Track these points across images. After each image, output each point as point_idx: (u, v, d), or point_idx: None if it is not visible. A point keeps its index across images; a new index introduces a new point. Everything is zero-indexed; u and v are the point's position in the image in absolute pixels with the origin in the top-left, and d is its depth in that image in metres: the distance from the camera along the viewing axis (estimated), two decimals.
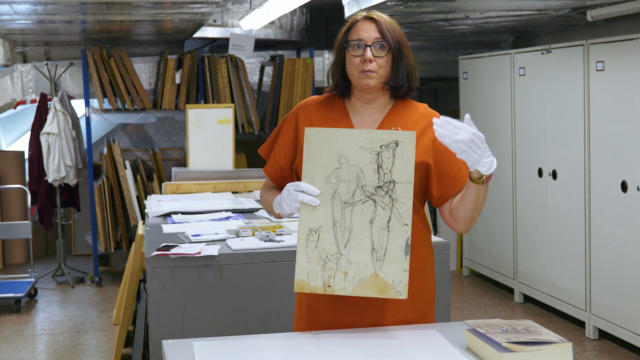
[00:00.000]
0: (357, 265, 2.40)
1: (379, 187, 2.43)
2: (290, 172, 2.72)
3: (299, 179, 2.66)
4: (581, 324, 5.94)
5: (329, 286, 2.40)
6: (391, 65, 2.63)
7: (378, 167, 2.43)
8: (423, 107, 2.73)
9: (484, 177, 2.48)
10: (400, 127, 2.63)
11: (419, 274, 2.64)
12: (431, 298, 2.71)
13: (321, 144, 2.46)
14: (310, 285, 2.41)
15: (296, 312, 2.77)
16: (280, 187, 2.74)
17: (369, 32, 2.61)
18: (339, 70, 2.68)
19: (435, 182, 2.64)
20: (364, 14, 2.66)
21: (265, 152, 2.83)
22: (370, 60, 2.59)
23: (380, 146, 2.44)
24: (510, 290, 6.95)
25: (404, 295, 2.39)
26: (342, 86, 2.69)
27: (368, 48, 2.59)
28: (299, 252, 2.42)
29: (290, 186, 2.50)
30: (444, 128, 2.43)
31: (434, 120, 2.45)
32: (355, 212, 2.42)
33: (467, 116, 2.50)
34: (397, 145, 2.44)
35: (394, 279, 2.39)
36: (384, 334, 2.49)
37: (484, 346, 2.25)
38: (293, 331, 2.76)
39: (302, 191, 2.46)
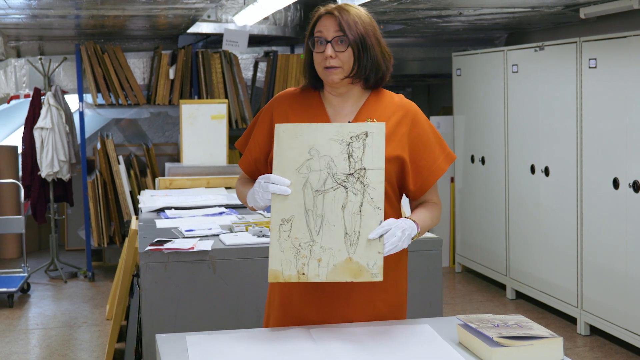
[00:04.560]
0: (331, 251, 2.40)
1: (350, 174, 2.43)
2: (265, 165, 2.71)
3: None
4: (572, 320, 5.96)
5: (303, 274, 2.40)
6: (354, 59, 2.60)
7: (349, 157, 2.44)
8: (399, 98, 2.71)
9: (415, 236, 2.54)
10: (375, 119, 2.62)
11: (393, 271, 2.64)
12: (404, 294, 2.73)
13: (291, 138, 2.47)
14: (284, 275, 2.40)
15: (267, 306, 2.77)
16: (254, 180, 2.72)
17: (328, 27, 2.59)
18: (308, 65, 2.68)
19: (412, 175, 2.64)
20: (327, 9, 2.63)
21: (242, 145, 2.82)
22: (332, 57, 2.57)
23: (350, 137, 2.45)
24: (502, 287, 6.98)
25: (379, 278, 2.37)
26: (314, 81, 2.69)
27: (329, 44, 2.57)
28: (272, 243, 2.42)
29: (261, 178, 2.50)
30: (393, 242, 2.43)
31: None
32: (327, 199, 2.43)
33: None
34: (367, 136, 2.45)
35: (368, 262, 2.38)
36: (377, 329, 2.50)
37: (476, 341, 2.27)
38: (263, 326, 2.76)
39: (273, 183, 2.45)
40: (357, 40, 2.58)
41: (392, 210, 2.63)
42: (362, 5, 5.32)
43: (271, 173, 2.56)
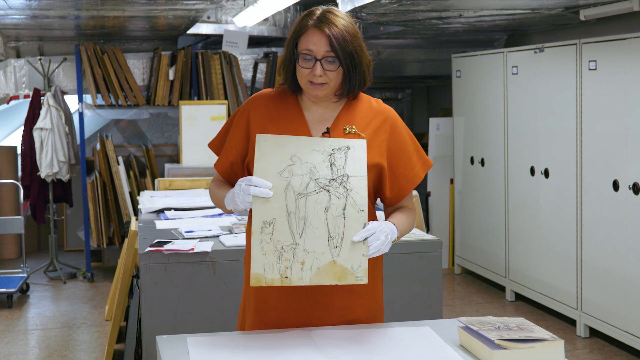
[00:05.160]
0: (314, 254, 2.36)
1: (333, 179, 2.41)
2: (241, 168, 2.67)
3: (250, 175, 2.61)
4: (572, 322, 5.96)
5: (286, 277, 2.36)
6: (343, 77, 2.55)
7: (331, 165, 2.43)
8: (377, 103, 2.68)
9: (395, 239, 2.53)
10: (354, 125, 2.59)
11: (370, 275, 2.59)
12: (380, 298, 2.71)
13: (272, 147, 2.44)
14: (267, 278, 2.36)
15: (241, 311, 2.72)
16: (230, 183, 2.69)
17: (319, 46, 2.49)
18: (290, 71, 2.59)
19: (389, 182, 2.62)
20: (314, 22, 2.51)
21: (215, 146, 2.76)
22: (320, 75, 2.50)
23: (332, 149, 2.44)
24: (502, 288, 6.98)
25: (364, 280, 2.36)
26: (294, 86, 2.62)
27: (318, 62, 2.50)
28: (254, 246, 2.38)
29: (242, 181, 2.46)
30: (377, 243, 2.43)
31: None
32: (309, 202, 2.40)
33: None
34: (348, 149, 2.44)
35: (352, 265, 2.36)
36: (377, 331, 2.50)
37: (477, 343, 2.26)
38: (237, 329, 2.71)
39: (254, 185, 2.41)
40: (348, 59, 2.51)
41: (368, 215, 2.61)
42: (362, 7, 5.34)
43: (248, 175, 2.55)
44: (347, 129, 2.59)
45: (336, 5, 5.75)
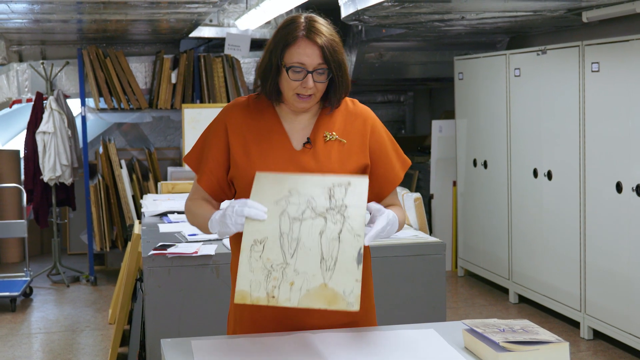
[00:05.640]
0: (305, 275, 2.26)
1: (331, 208, 2.34)
2: (227, 183, 2.59)
3: (234, 189, 2.58)
4: (576, 324, 5.96)
5: (273, 297, 2.25)
6: (330, 87, 2.50)
7: (330, 197, 2.36)
8: (353, 104, 2.63)
9: None
10: (335, 132, 2.55)
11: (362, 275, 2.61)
12: (372, 297, 2.70)
13: (271, 183, 2.38)
14: (253, 296, 2.25)
15: (231, 313, 2.66)
16: (217, 199, 2.61)
17: (311, 58, 2.43)
18: (272, 81, 2.50)
19: (370, 183, 2.56)
20: (304, 32, 2.44)
21: (193, 161, 2.63)
22: (311, 87, 2.44)
23: (333, 184, 2.38)
24: (505, 291, 6.97)
25: (355, 307, 2.24)
26: (275, 96, 2.53)
27: (309, 75, 2.43)
28: (242, 262, 2.28)
29: (235, 203, 2.36)
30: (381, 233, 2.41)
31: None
32: (304, 225, 2.32)
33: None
34: (349, 185, 2.38)
35: (344, 289, 2.25)
36: (382, 334, 2.50)
37: (482, 346, 2.26)
38: (227, 334, 2.65)
39: (249, 207, 2.33)
40: (338, 69, 2.47)
41: None
42: (365, 10, 5.34)
43: (233, 189, 2.53)
44: (328, 136, 2.55)
45: (338, 8, 5.76)
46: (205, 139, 2.62)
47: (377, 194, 2.63)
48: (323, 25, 2.49)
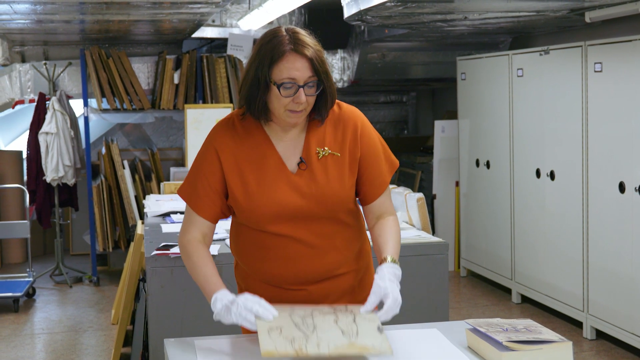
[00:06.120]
0: (329, 339, 2.23)
1: (337, 310, 2.37)
2: (227, 206, 2.57)
3: (233, 211, 2.56)
4: (578, 324, 5.95)
5: (301, 349, 2.19)
6: (319, 99, 2.46)
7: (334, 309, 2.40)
8: (339, 108, 2.58)
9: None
10: (327, 146, 2.52)
11: (368, 277, 2.66)
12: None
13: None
14: (279, 352, 2.18)
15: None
16: (215, 222, 2.57)
17: (301, 71, 2.37)
18: (260, 100, 2.43)
19: (357, 186, 2.59)
20: (291, 46, 2.37)
21: (188, 194, 2.57)
22: (303, 102, 2.40)
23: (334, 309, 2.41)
24: (508, 291, 6.97)
25: (389, 352, 2.19)
26: (262, 114, 2.47)
27: (301, 89, 2.38)
28: (261, 337, 2.23)
29: (241, 297, 2.36)
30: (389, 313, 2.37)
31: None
32: (316, 318, 2.31)
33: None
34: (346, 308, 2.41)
35: (373, 343, 2.22)
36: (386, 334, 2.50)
37: (485, 345, 2.26)
38: (242, 332, 2.64)
39: (258, 304, 2.33)
40: (327, 79, 2.43)
41: (353, 217, 2.62)
42: (367, 10, 5.34)
43: (234, 211, 2.51)
44: (321, 152, 2.51)
45: (341, 8, 5.76)
46: (197, 168, 2.56)
47: (364, 198, 2.61)
48: (306, 36, 2.43)
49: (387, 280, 2.39)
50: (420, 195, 4.79)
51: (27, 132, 7.71)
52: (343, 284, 2.60)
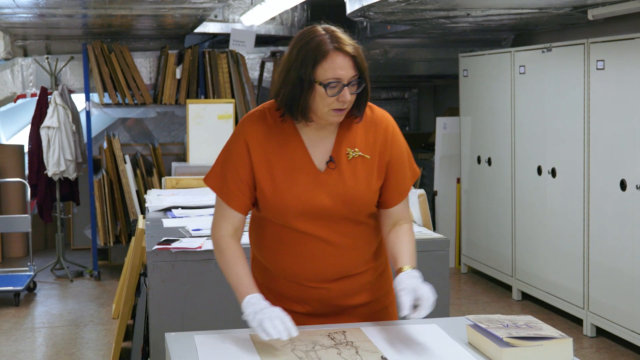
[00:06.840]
0: None
1: (339, 343, 2.37)
2: (255, 198, 2.56)
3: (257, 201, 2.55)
4: (579, 322, 5.95)
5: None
6: (359, 95, 2.45)
7: (331, 338, 2.40)
8: (372, 111, 2.57)
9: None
10: (357, 148, 2.51)
11: (386, 274, 2.68)
12: (391, 291, 2.70)
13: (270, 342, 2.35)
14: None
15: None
16: (246, 214, 2.57)
17: (346, 70, 2.37)
18: (302, 102, 2.41)
19: (382, 189, 2.58)
20: (335, 45, 2.37)
21: (217, 184, 2.55)
22: (349, 100, 2.40)
23: (328, 332, 2.42)
24: (509, 288, 6.97)
25: None
26: (304, 115, 2.44)
27: (346, 88, 2.37)
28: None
29: (272, 312, 2.33)
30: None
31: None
32: (319, 352, 2.31)
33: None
34: (344, 331, 2.43)
35: None
36: (385, 329, 2.50)
37: (485, 341, 2.26)
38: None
39: (284, 321, 2.30)
40: (367, 76, 2.43)
41: (373, 219, 2.62)
42: (370, 6, 5.34)
43: (259, 204, 2.52)
44: (351, 153, 2.51)
45: (343, 4, 5.76)
46: (226, 158, 2.54)
47: (384, 203, 2.60)
48: (344, 34, 2.43)
49: (413, 279, 2.42)
50: (422, 191, 4.79)
51: (29, 126, 7.71)
52: (362, 280, 2.61)
